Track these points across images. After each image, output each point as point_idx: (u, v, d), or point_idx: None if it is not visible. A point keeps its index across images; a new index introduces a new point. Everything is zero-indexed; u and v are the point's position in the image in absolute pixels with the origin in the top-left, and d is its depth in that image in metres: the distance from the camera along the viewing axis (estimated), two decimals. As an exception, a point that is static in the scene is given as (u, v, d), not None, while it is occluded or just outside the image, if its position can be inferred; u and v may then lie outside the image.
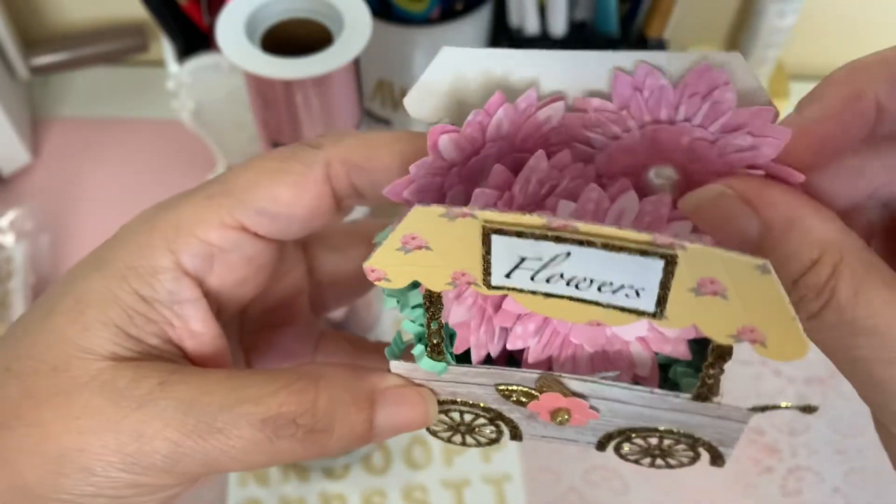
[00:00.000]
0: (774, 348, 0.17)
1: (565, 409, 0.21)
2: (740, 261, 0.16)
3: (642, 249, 0.16)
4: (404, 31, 0.50)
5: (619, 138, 0.19)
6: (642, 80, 0.18)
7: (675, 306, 0.17)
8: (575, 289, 0.18)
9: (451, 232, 0.17)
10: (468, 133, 0.19)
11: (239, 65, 0.33)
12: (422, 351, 0.21)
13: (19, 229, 0.54)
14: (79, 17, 0.66)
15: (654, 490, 0.48)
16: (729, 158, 0.19)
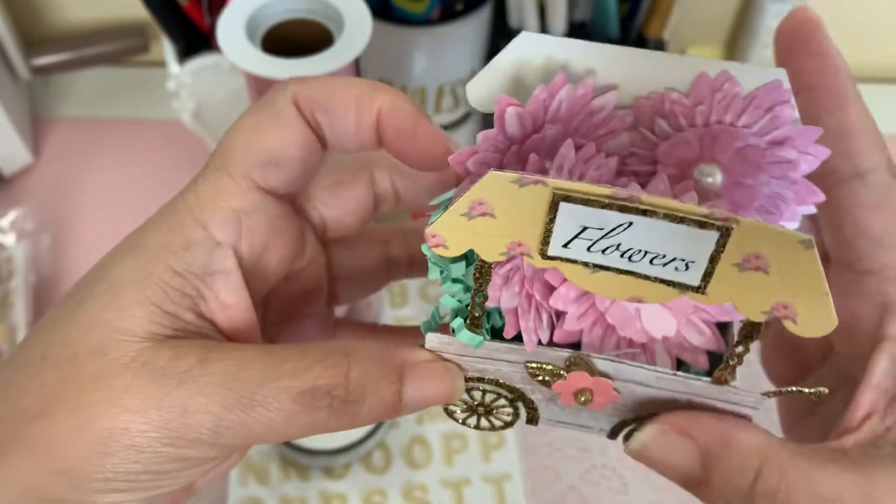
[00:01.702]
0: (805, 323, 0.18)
1: (589, 390, 0.22)
2: (788, 235, 0.17)
3: (701, 221, 0.17)
4: (404, 32, 0.50)
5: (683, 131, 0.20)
6: (721, 84, 0.20)
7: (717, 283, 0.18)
8: (628, 261, 0.19)
9: (517, 199, 0.18)
10: (531, 109, 0.20)
11: (239, 65, 0.33)
12: (461, 324, 0.21)
13: (20, 229, 0.54)
14: (80, 17, 0.66)
15: (653, 489, 0.48)
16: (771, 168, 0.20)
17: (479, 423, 0.25)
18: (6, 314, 0.50)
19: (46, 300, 0.54)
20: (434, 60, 0.53)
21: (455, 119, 0.58)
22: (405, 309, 0.54)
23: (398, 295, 0.55)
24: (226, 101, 0.54)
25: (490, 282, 0.20)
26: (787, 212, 0.21)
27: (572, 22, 0.52)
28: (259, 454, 0.48)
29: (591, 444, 0.49)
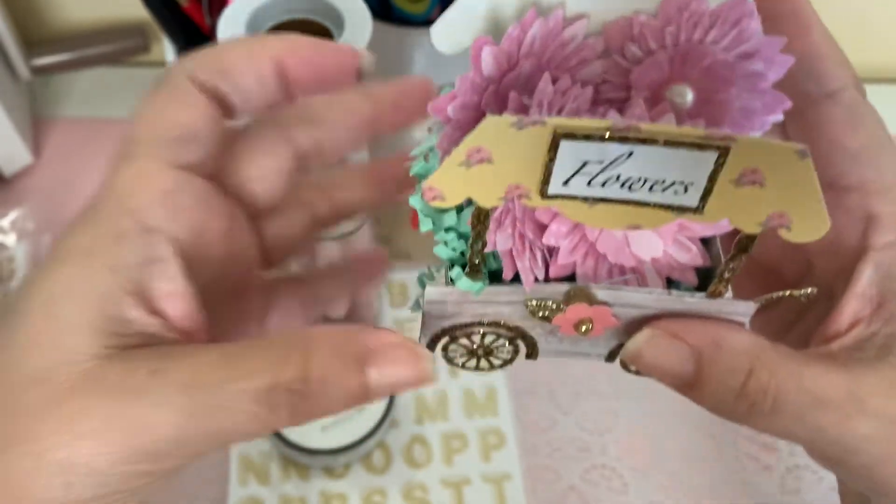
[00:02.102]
0: (799, 230, 0.19)
1: (589, 319, 0.22)
2: (784, 147, 0.18)
3: (700, 143, 0.18)
4: (404, 32, 0.50)
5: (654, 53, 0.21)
6: (688, 3, 0.20)
7: (714, 200, 0.19)
8: (628, 190, 0.19)
9: (515, 142, 0.18)
10: (505, 48, 0.20)
11: (240, 66, 0.33)
12: (459, 272, 0.21)
13: (21, 229, 0.54)
14: (80, 17, 0.66)
15: (653, 489, 0.48)
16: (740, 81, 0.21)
17: (478, 365, 0.25)
18: (7, 314, 0.50)
19: (47, 300, 0.54)
20: (434, 61, 0.53)
21: (455, 119, 0.58)
22: (405, 309, 0.54)
23: (398, 295, 0.55)
24: (226, 102, 0.54)
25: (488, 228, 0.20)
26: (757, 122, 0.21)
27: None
28: (259, 454, 0.48)
29: (592, 444, 0.49)
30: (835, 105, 0.23)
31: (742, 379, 0.21)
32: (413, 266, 0.56)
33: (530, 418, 0.50)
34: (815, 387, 0.21)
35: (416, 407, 0.50)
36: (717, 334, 0.22)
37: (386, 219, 0.59)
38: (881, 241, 0.23)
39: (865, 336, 0.22)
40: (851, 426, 0.21)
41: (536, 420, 0.50)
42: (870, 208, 0.23)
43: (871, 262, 0.23)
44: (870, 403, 0.21)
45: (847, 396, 0.21)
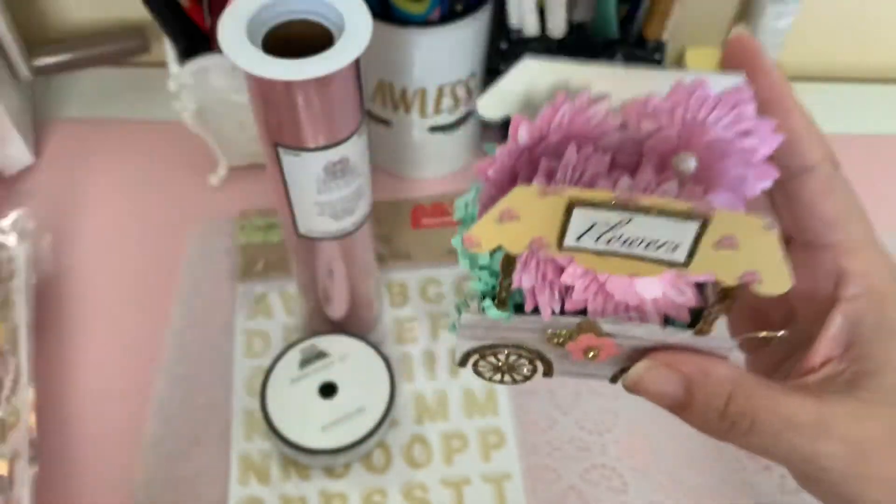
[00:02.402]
0: (768, 285, 0.23)
1: (596, 347, 0.27)
2: (753, 221, 0.22)
3: (686, 214, 0.22)
4: (404, 33, 0.50)
5: (664, 128, 0.25)
6: (694, 89, 0.24)
7: (698, 258, 0.23)
8: (628, 247, 0.23)
9: (538, 205, 0.22)
10: (538, 123, 0.24)
11: (240, 66, 0.33)
12: (490, 304, 0.26)
13: (21, 229, 0.55)
14: (81, 18, 0.66)
15: (653, 489, 0.48)
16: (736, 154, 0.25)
17: (502, 379, 0.30)
18: (7, 314, 0.51)
19: (48, 300, 0.54)
20: (434, 61, 0.53)
21: (455, 120, 0.58)
22: (405, 309, 0.55)
23: (398, 295, 0.55)
24: (226, 102, 0.54)
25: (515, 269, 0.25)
26: (749, 188, 0.25)
27: (571, 23, 0.52)
28: (259, 453, 0.48)
29: (591, 444, 0.49)
30: (812, 178, 0.28)
31: (724, 402, 0.26)
32: (413, 266, 0.56)
33: (530, 418, 0.50)
34: (787, 411, 0.26)
35: (416, 407, 0.50)
36: (705, 364, 0.26)
37: (386, 219, 0.59)
38: (850, 293, 0.27)
39: (835, 373, 0.27)
40: (819, 447, 0.25)
41: (536, 420, 0.50)
42: (840, 266, 0.27)
43: (841, 311, 0.27)
44: (836, 428, 0.25)
45: (816, 421, 0.25)
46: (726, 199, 0.26)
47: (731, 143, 0.25)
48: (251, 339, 0.53)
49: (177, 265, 0.56)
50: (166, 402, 0.50)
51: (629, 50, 0.53)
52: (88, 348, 0.52)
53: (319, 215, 0.41)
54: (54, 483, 0.47)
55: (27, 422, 0.46)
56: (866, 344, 0.26)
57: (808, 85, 0.69)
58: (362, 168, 0.40)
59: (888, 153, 0.66)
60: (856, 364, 0.26)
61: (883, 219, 0.63)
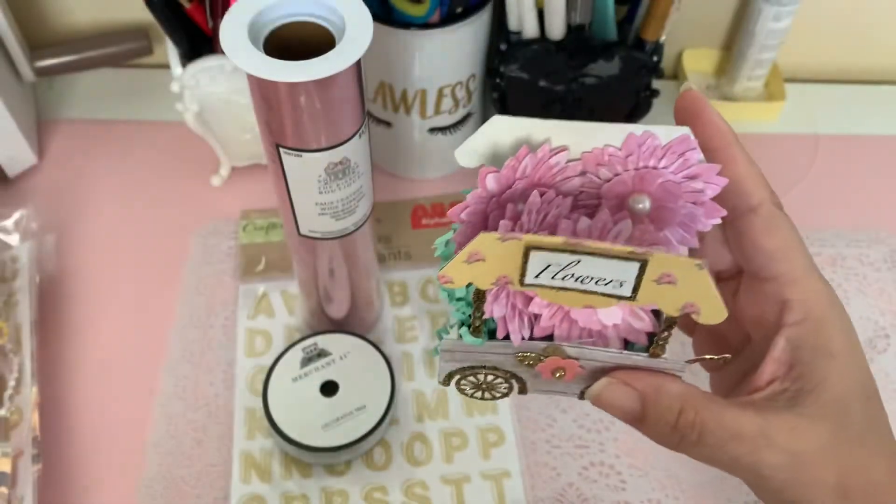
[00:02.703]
0: (705, 315, 0.26)
1: (562, 367, 0.30)
2: (686, 261, 0.25)
3: (627, 256, 0.25)
4: (405, 35, 0.51)
5: (620, 174, 0.28)
6: (645, 140, 0.27)
7: (643, 292, 0.26)
8: (580, 283, 0.26)
9: (500, 248, 0.25)
10: (504, 173, 0.27)
11: (242, 68, 0.34)
12: (466, 331, 0.29)
13: (25, 229, 0.55)
14: (84, 20, 0.66)
15: (652, 487, 0.48)
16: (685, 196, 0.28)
17: (483, 396, 0.33)
18: (11, 313, 0.51)
19: (51, 299, 0.54)
20: (434, 63, 0.53)
21: (454, 121, 0.58)
22: (405, 308, 0.55)
23: (398, 294, 0.56)
24: (228, 103, 0.54)
25: (485, 302, 0.28)
26: (700, 225, 0.29)
27: (570, 25, 0.53)
28: (261, 452, 0.48)
29: (590, 442, 0.49)
30: (756, 217, 0.31)
31: (675, 416, 0.29)
32: (413, 266, 0.57)
33: (529, 416, 0.50)
34: (732, 424, 0.28)
35: (417, 405, 0.51)
36: (657, 382, 0.29)
37: (386, 219, 0.59)
38: (791, 319, 0.30)
39: (779, 391, 0.29)
40: (761, 457, 0.28)
41: (535, 418, 0.50)
42: (783, 295, 0.30)
43: (784, 335, 0.30)
44: (777, 440, 0.28)
45: (759, 433, 0.28)
46: (679, 235, 0.29)
47: (679, 186, 0.28)
48: (253, 338, 0.53)
49: (179, 265, 0.56)
50: (168, 400, 0.50)
51: (627, 51, 0.54)
52: (91, 347, 0.53)
53: (320, 215, 0.41)
54: (57, 481, 0.47)
55: (30, 420, 0.47)
56: (806, 364, 0.29)
57: (805, 87, 0.70)
58: (363, 169, 0.41)
59: (886, 154, 0.66)
60: (797, 383, 0.29)
61: (877, 219, 0.63)
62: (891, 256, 0.59)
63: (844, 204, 0.62)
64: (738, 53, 0.65)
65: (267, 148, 0.39)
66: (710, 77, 0.70)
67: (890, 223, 0.61)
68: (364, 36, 0.35)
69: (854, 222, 0.61)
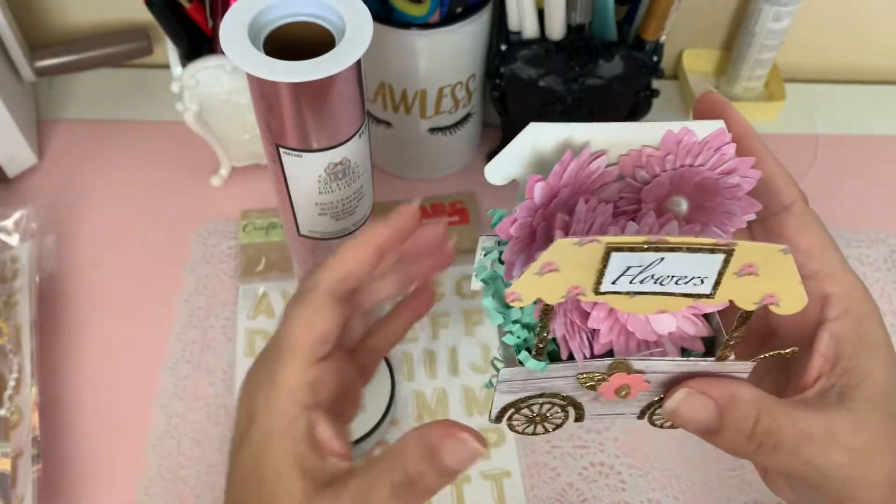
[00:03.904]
0: (785, 305, 0.25)
1: (627, 385, 0.29)
2: (772, 247, 0.24)
3: (712, 248, 0.24)
4: (405, 35, 0.51)
5: (658, 175, 0.27)
6: (682, 136, 0.27)
7: (722, 289, 0.25)
8: (660, 284, 0.25)
9: (576, 255, 0.24)
10: (551, 181, 0.26)
11: (242, 67, 0.34)
12: (527, 355, 0.28)
13: (25, 229, 0.55)
14: (84, 20, 0.66)
15: (651, 487, 0.48)
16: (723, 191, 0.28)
17: (535, 430, 0.31)
18: (11, 313, 0.51)
19: (51, 299, 0.54)
20: (434, 63, 0.53)
21: (454, 121, 0.58)
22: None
23: (399, 294, 0.56)
24: (228, 103, 0.54)
25: (552, 319, 0.27)
26: (737, 221, 0.28)
27: (570, 25, 0.53)
28: (261, 451, 0.48)
29: (590, 442, 0.49)
30: (789, 215, 0.31)
31: (752, 424, 0.28)
32: (413, 266, 0.57)
33: (529, 416, 0.50)
34: (803, 426, 0.28)
35: (417, 405, 0.51)
36: (731, 388, 0.28)
37: (386, 219, 0.59)
38: (833, 314, 0.30)
39: (827, 387, 0.29)
40: (831, 456, 0.28)
41: (535, 418, 0.50)
42: (823, 291, 0.30)
43: (827, 331, 0.30)
44: (840, 438, 0.28)
45: (824, 433, 0.28)
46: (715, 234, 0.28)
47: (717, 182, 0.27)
48: (253, 339, 0.53)
49: (179, 265, 0.56)
50: (168, 400, 0.50)
51: (627, 51, 0.54)
52: (91, 347, 0.53)
53: (320, 215, 0.41)
54: (57, 481, 0.47)
55: (30, 420, 0.47)
56: (850, 359, 0.29)
57: (804, 87, 0.70)
58: (363, 169, 0.41)
59: (886, 154, 0.66)
60: (843, 378, 0.29)
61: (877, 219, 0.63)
62: (891, 256, 0.59)
63: (844, 204, 0.62)
64: (737, 53, 0.65)
65: (267, 148, 0.39)
66: (710, 77, 0.70)
67: (890, 223, 0.61)
68: (364, 36, 0.35)
69: (854, 222, 0.61)
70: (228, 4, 0.50)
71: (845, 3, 0.66)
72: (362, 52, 0.35)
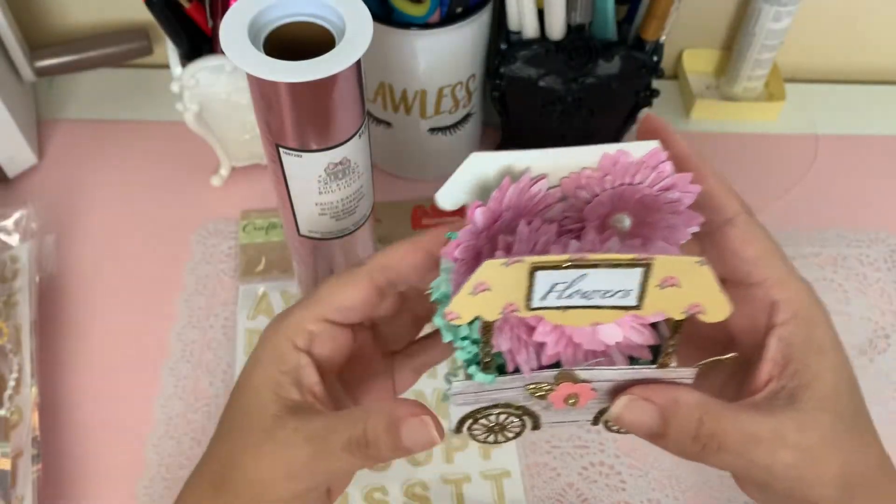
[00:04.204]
0: (711, 314, 0.27)
1: (575, 393, 0.30)
2: (688, 260, 0.25)
3: (630, 263, 0.25)
4: (405, 35, 0.51)
5: (598, 194, 0.29)
6: (618, 158, 0.28)
7: (648, 299, 0.26)
8: (586, 298, 0.26)
9: (505, 275, 0.25)
10: (491, 206, 0.27)
11: (242, 67, 0.34)
12: (476, 369, 0.29)
13: (25, 229, 0.55)
14: (84, 19, 0.66)
15: (651, 486, 0.48)
16: (664, 207, 0.29)
17: (496, 439, 0.32)
18: (11, 313, 0.51)
19: (51, 299, 0.54)
20: (434, 63, 0.53)
21: (454, 121, 0.58)
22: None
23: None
24: (228, 103, 0.54)
25: (492, 334, 0.28)
26: (680, 234, 0.29)
27: (570, 25, 0.53)
28: (261, 451, 0.48)
29: (590, 442, 0.49)
30: (733, 227, 0.32)
31: (695, 426, 0.29)
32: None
33: (529, 416, 0.50)
34: (749, 428, 0.29)
35: (417, 405, 0.51)
36: (674, 393, 0.29)
37: (386, 219, 0.59)
38: (781, 318, 0.31)
39: (777, 389, 0.30)
40: (779, 457, 0.29)
41: (535, 418, 0.50)
42: (771, 297, 0.31)
43: (776, 335, 0.31)
44: (789, 438, 0.29)
45: (772, 434, 0.29)
46: (660, 248, 0.29)
47: (657, 199, 0.29)
48: (253, 339, 0.53)
49: (179, 265, 0.56)
50: (168, 400, 0.50)
51: (627, 51, 0.54)
52: (91, 347, 0.53)
53: (320, 216, 0.41)
54: (57, 481, 0.47)
55: (30, 420, 0.47)
56: (799, 361, 0.30)
57: (804, 87, 0.70)
58: (363, 169, 0.41)
59: (886, 154, 0.66)
60: (793, 380, 0.30)
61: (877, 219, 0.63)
62: (891, 256, 0.59)
63: (844, 204, 0.62)
64: (737, 53, 0.65)
65: (267, 148, 0.39)
66: (710, 77, 0.70)
67: (890, 223, 0.61)
68: (364, 36, 0.35)
69: (854, 222, 0.61)
70: (228, 4, 0.50)
71: (845, 3, 0.66)
72: (362, 52, 0.35)
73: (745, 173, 0.63)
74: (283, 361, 0.32)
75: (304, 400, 0.32)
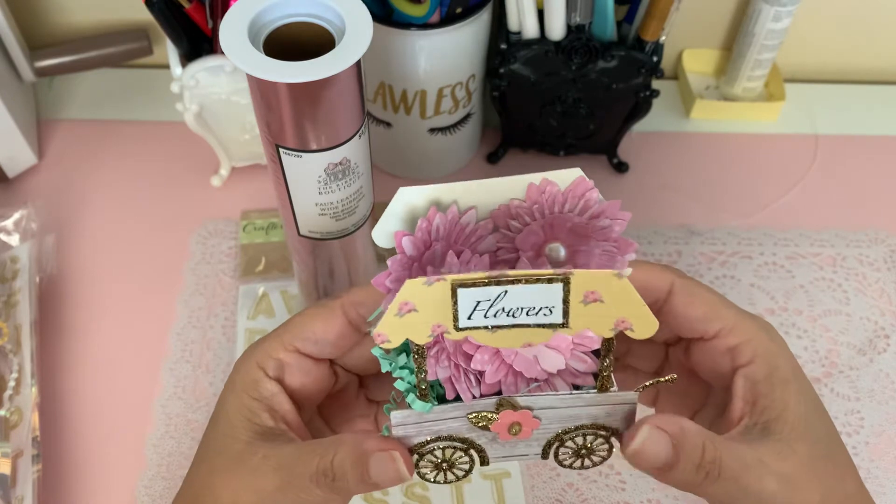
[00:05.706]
0: (638, 330, 0.26)
1: (518, 422, 0.29)
2: (603, 273, 0.25)
3: (549, 278, 0.25)
4: (405, 35, 0.51)
5: (529, 225, 0.29)
6: (545, 188, 0.29)
7: (574, 316, 0.26)
8: (512, 317, 0.26)
9: (430, 294, 0.25)
10: (419, 236, 0.28)
11: (242, 68, 0.34)
12: (413, 398, 0.29)
13: (25, 229, 0.55)
14: (84, 20, 0.66)
15: (652, 486, 0.48)
16: (596, 234, 0.29)
17: (446, 478, 0.31)
18: (11, 313, 0.51)
19: (51, 299, 0.54)
20: (434, 63, 0.53)
21: (454, 121, 0.58)
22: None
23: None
24: (228, 104, 0.54)
25: (426, 360, 0.27)
26: (618, 261, 0.29)
27: (570, 25, 0.53)
28: (261, 451, 0.48)
29: (589, 442, 0.49)
30: (673, 296, 0.33)
31: (700, 453, 0.29)
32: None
33: (529, 416, 0.50)
34: (740, 454, 0.30)
35: (417, 405, 0.51)
36: (679, 422, 0.30)
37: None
38: (743, 360, 0.32)
39: (750, 425, 0.31)
40: (765, 484, 0.29)
41: (535, 418, 0.50)
42: (728, 344, 0.33)
43: (741, 376, 0.32)
44: (771, 465, 0.30)
45: (758, 462, 0.30)
46: None
47: (587, 226, 0.29)
48: (252, 339, 0.53)
49: (179, 265, 0.56)
50: (168, 400, 0.50)
51: (627, 51, 0.54)
52: (91, 347, 0.53)
53: (320, 216, 0.41)
54: (57, 481, 0.47)
55: (30, 420, 0.47)
56: (766, 396, 0.31)
57: (804, 87, 0.70)
58: (363, 169, 0.41)
59: (886, 154, 0.66)
60: (764, 414, 0.31)
61: (877, 219, 0.63)
62: (890, 256, 0.59)
63: (844, 204, 0.62)
64: (737, 53, 0.65)
65: (267, 148, 0.39)
66: (710, 77, 0.70)
67: (890, 223, 0.61)
68: (364, 36, 0.35)
69: (854, 222, 0.61)
70: (228, 4, 0.50)
71: (845, 3, 0.66)
72: (362, 53, 0.35)
73: (745, 173, 0.63)
74: (254, 388, 0.33)
75: (277, 427, 0.32)
